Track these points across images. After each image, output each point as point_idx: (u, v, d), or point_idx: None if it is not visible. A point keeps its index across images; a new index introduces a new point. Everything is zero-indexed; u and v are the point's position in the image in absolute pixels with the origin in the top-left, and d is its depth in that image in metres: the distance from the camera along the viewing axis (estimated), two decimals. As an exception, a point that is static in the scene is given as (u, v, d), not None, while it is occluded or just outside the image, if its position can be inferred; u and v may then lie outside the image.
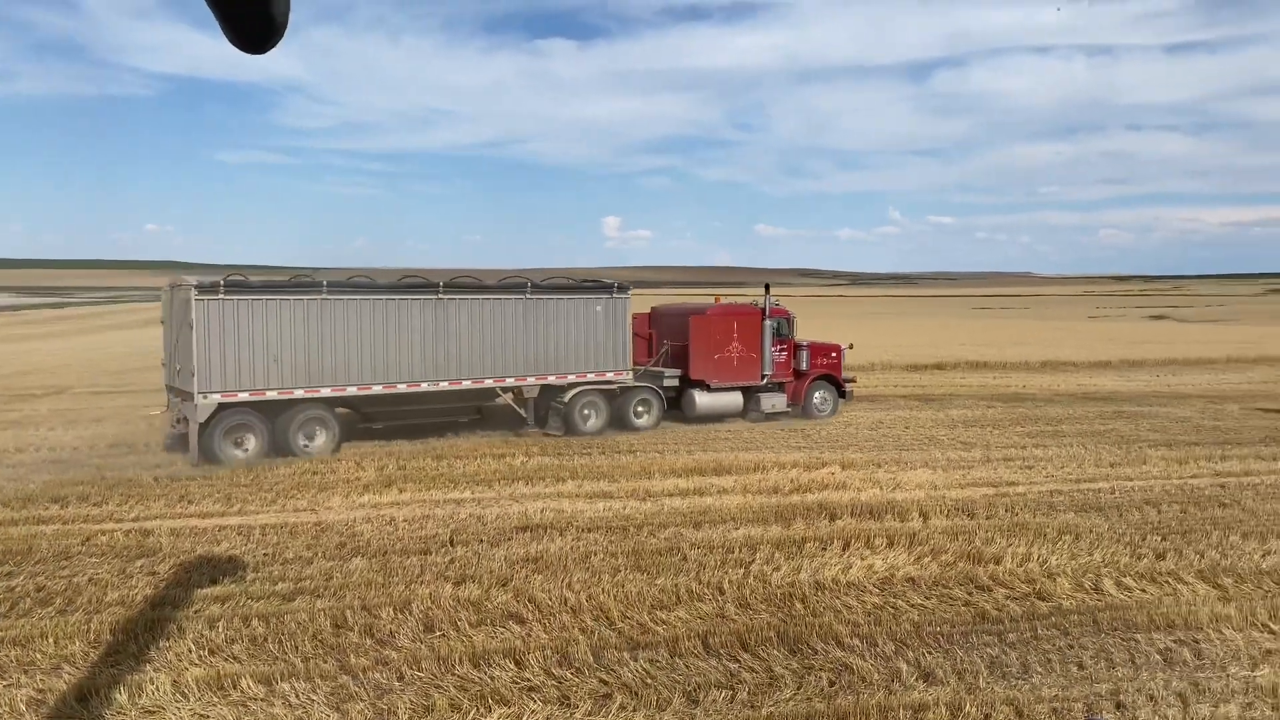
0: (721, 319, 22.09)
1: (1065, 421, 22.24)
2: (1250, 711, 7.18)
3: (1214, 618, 9.06)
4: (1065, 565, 10.65)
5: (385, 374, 18.25)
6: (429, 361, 18.63)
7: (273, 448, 17.28)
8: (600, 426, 20.28)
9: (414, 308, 18.50)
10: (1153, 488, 14.89)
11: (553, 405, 20.23)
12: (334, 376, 17.75)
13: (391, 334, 18.24)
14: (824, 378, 23.19)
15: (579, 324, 20.21)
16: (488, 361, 19.24)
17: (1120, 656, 8.26)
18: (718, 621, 9.03)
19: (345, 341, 17.79)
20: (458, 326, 18.90)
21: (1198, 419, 22.63)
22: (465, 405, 19.89)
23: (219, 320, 16.61)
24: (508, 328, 19.44)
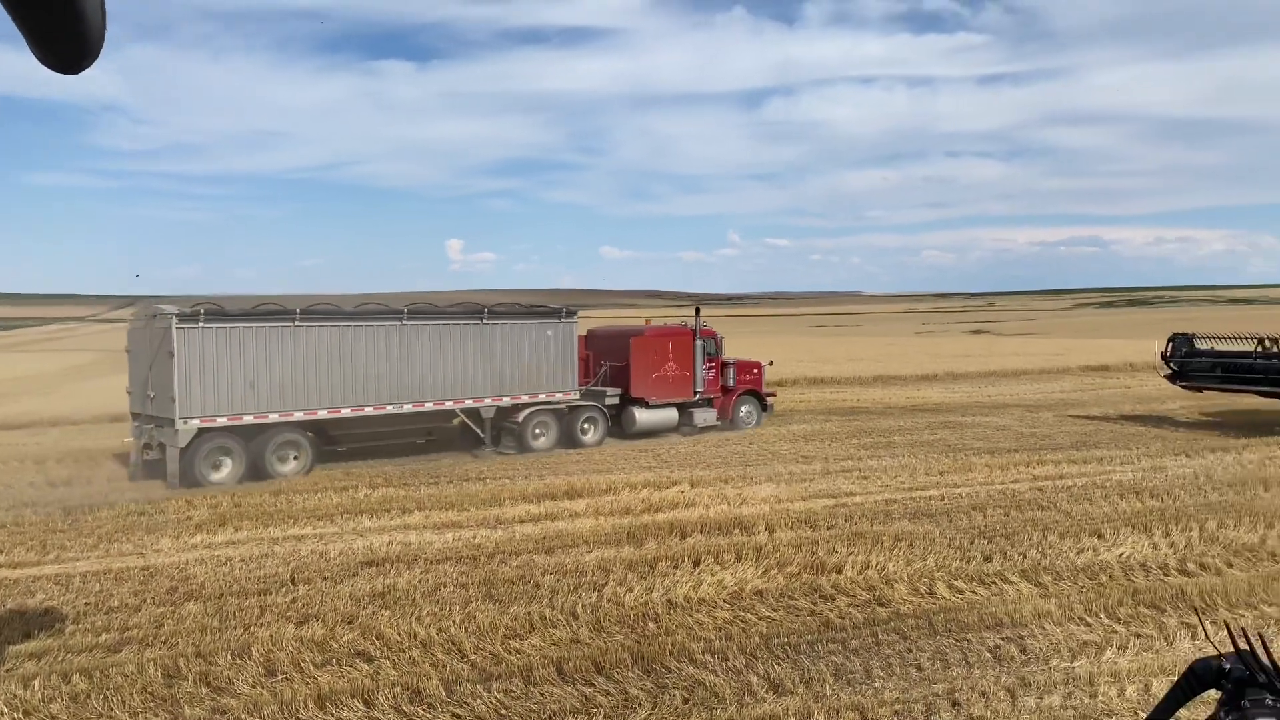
0: (658, 340, 23.35)
1: (897, 433, 23.33)
2: (1071, 700, 7.68)
3: (1037, 614, 9.67)
4: (902, 571, 11.16)
5: (353, 398, 18.82)
6: (393, 385, 19.27)
7: (250, 471, 17.71)
8: (551, 445, 21.11)
9: (379, 334, 19.18)
10: (978, 493, 15.78)
11: (505, 425, 21.00)
12: (306, 401, 18.24)
13: (359, 359, 18.89)
14: (749, 392, 24.78)
15: (530, 348, 21.13)
16: (447, 384, 20.02)
17: (955, 656, 8.70)
18: (572, 647, 9.00)
19: (316, 367, 18.38)
20: (419, 351, 19.59)
21: (1016, 427, 24.16)
22: (426, 426, 20.48)
23: (198, 348, 17.10)
24: (466, 352, 20.24)
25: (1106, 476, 17.01)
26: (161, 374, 17.36)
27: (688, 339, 23.56)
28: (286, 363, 18.06)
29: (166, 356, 17.05)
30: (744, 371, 24.90)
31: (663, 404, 23.24)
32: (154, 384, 17.77)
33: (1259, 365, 23.48)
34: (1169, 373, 25.67)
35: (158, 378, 17.56)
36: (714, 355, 24.19)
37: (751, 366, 25.18)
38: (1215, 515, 13.51)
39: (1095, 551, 11.92)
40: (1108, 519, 13.52)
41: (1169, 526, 12.95)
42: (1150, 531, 12.73)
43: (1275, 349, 23.46)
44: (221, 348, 17.39)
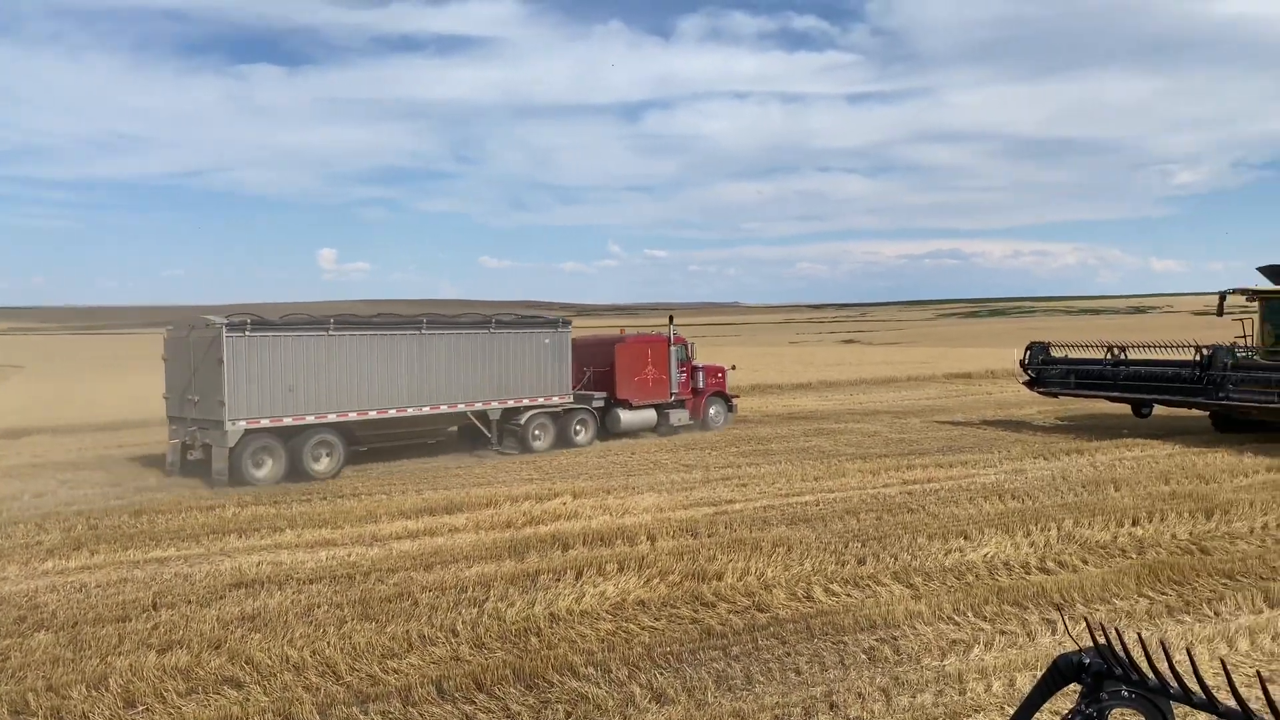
0: (639, 347, 25.31)
1: (774, 440, 23.80)
2: (942, 698, 7.95)
3: (908, 615, 9.98)
4: (780, 576, 11.36)
5: (379, 400, 20.35)
6: (413, 389, 20.83)
7: (289, 470, 19.13)
8: (549, 445, 22.82)
9: (400, 342, 20.80)
10: (851, 498, 16.23)
11: (507, 427, 22.56)
12: (338, 403, 19.75)
13: (384, 365, 20.43)
14: (716, 394, 26.81)
15: (531, 355, 22.81)
16: (460, 388, 21.64)
17: (831, 659, 8.90)
18: (452, 665, 8.83)
19: (347, 372, 19.90)
20: (435, 358, 21.22)
21: (886, 433, 24.97)
22: (440, 427, 22.27)
23: (244, 355, 18.51)
24: (476, 359, 21.92)
25: (971, 480, 17.74)
26: (209, 379, 18.73)
27: (664, 346, 25.39)
28: (321, 368, 19.57)
29: (215, 363, 18.44)
30: (711, 375, 26.91)
31: (643, 405, 25.08)
32: (198, 389, 19.19)
33: (1109, 372, 24.92)
34: (1027, 379, 26.99)
35: (204, 383, 18.97)
36: (685, 360, 26.01)
37: (717, 370, 27.30)
38: (1071, 515, 14.23)
39: (962, 552, 12.40)
40: (973, 520, 14.09)
41: (1029, 526, 13.58)
42: (1012, 532, 13.32)
43: (1123, 356, 24.93)
44: (265, 355, 18.87)
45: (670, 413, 25.52)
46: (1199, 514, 14.23)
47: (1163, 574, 11.31)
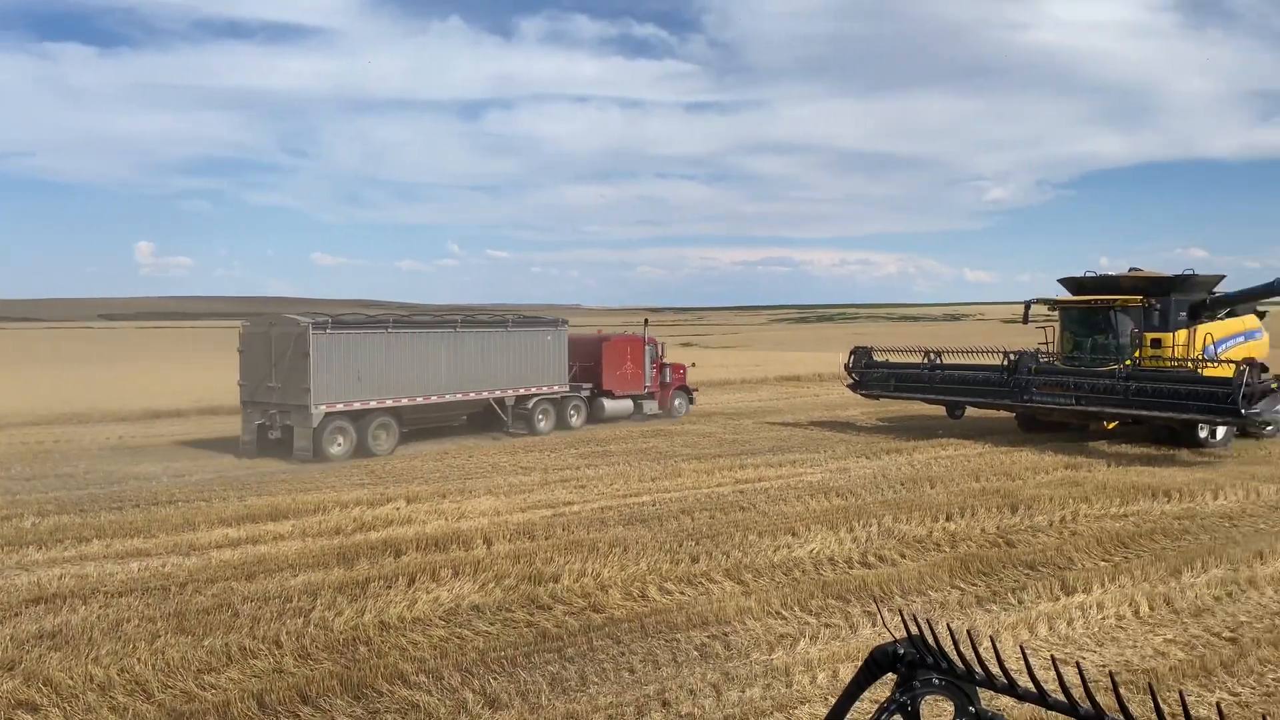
0: (622, 345, 28.64)
1: (613, 442, 23.98)
2: (769, 691, 8.18)
3: (739, 611, 10.24)
4: (616, 577, 11.44)
5: (425, 388, 23.51)
6: (451, 378, 24.01)
7: (358, 448, 22.02)
8: (550, 428, 26.09)
9: (441, 339, 24.02)
10: (687, 497, 16.53)
11: (518, 411, 25.70)
12: (393, 390, 22.81)
13: (429, 358, 23.57)
14: (680, 388, 30.39)
15: (538, 349, 26.11)
16: (485, 378, 24.83)
17: (665, 657, 9.02)
18: (275, 678, 8.45)
19: (400, 364, 22.92)
20: (468, 352, 24.47)
21: (721, 434, 25.58)
22: (469, 412, 25.64)
23: (325, 349, 21.53)
24: (497, 353, 25.14)
25: (799, 478, 18.38)
26: (295, 370, 21.48)
27: (641, 345, 28.80)
28: (380, 361, 22.58)
29: (302, 356, 21.28)
30: (676, 371, 30.41)
31: (623, 396, 28.46)
32: (280, 378, 21.85)
33: (926, 375, 26.35)
34: (851, 382, 28.22)
35: (288, 373, 21.64)
36: (656, 358, 29.48)
37: (680, 367, 30.94)
38: (891, 511, 14.95)
39: (790, 548, 12.81)
40: (800, 518, 14.59)
41: (853, 523, 14.17)
42: (837, 528, 13.87)
43: (939, 361, 26.41)
44: (340, 349, 21.89)
45: (644, 403, 28.97)
46: (1005, 509, 15.22)
47: (973, 566, 12.03)
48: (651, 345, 29.15)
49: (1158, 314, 23.59)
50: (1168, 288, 23.87)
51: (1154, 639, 9.54)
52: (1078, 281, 25.57)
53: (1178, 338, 23.43)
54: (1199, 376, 21.33)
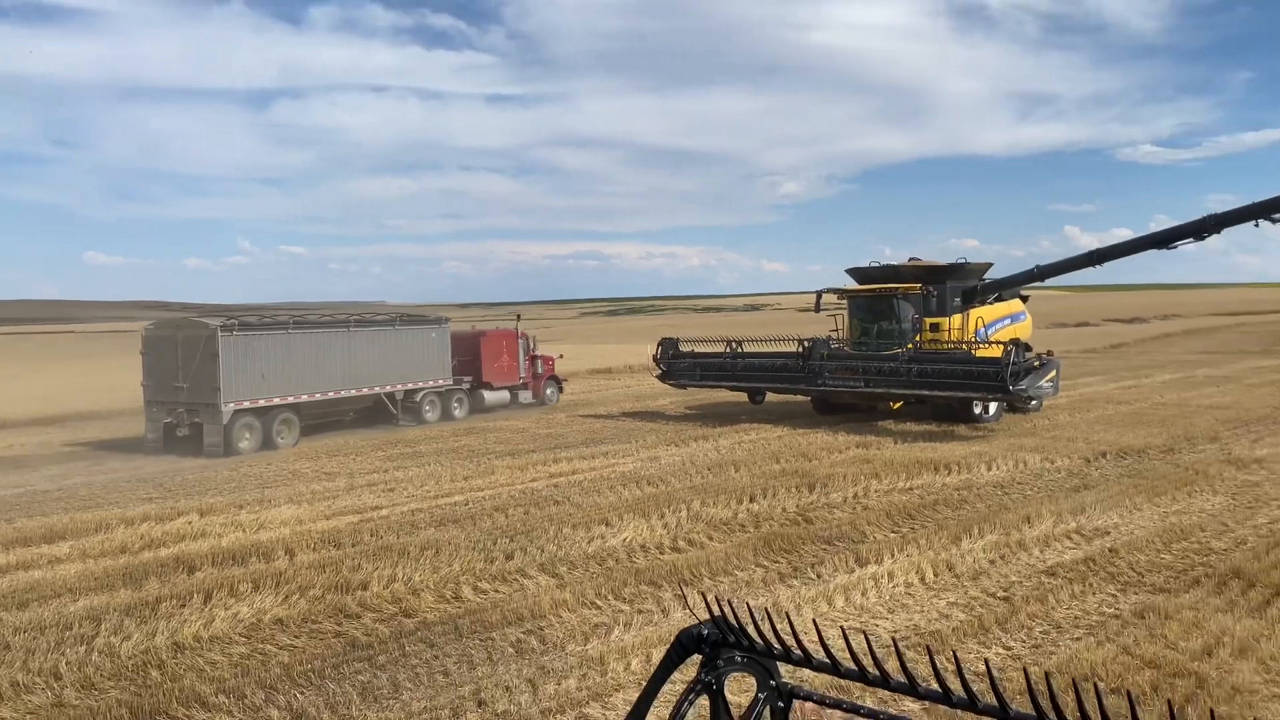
0: (498, 339, 30.54)
1: (423, 442, 23.51)
2: (585, 681, 8.28)
3: (554, 604, 10.29)
4: (428, 580, 11.24)
5: (323, 385, 24.83)
6: (345, 375, 25.38)
7: (263, 442, 23.24)
8: (437, 418, 27.64)
9: (337, 337, 25.49)
10: (500, 494, 16.44)
11: (407, 404, 27.20)
12: (295, 387, 24.11)
13: (325, 357, 24.87)
14: (551, 378, 32.35)
15: (424, 346, 27.70)
16: (378, 373, 26.27)
17: (480, 656, 8.96)
18: (54, 712, 7.82)
19: (300, 363, 24.20)
20: (360, 350, 25.84)
21: (534, 429, 25.56)
22: (362, 406, 26.62)
23: (232, 350, 22.73)
24: (386, 350, 26.57)
25: (612, 469, 18.64)
26: (203, 370, 22.65)
27: (515, 338, 30.72)
28: (282, 360, 23.82)
29: (210, 357, 22.50)
30: (547, 362, 32.37)
31: (501, 387, 30.17)
32: (188, 378, 22.87)
33: (729, 364, 27.28)
34: (660, 373, 28.85)
35: (197, 373, 22.74)
36: (529, 351, 31.35)
37: (550, 359, 32.76)
38: (699, 496, 15.40)
39: (604, 539, 12.99)
40: (613, 508, 14.80)
41: (663, 509, 14.51)
42: (648, 515, 14.16)
43: (740, 350, 27.39)
44: (245, 350, 23.08)
45: (519, 393, 30.82)
46: (804, 488, 15.98)
47: (775, 544, 12.58)
48: (524, 339, 31.20)
49: (935, 300, 25.35)
50: (943, 276, 25.69)
51: (939, 603, 10.29)
52: (863, 272, 27.12)
53: (953, 322, 25.26)
54: (972, 357, 23.09)
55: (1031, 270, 25.84)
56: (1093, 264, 24.79)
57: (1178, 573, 11.12)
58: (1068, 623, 9.58)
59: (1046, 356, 23.06)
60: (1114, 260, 24.69)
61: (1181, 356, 46.41)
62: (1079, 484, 16.18)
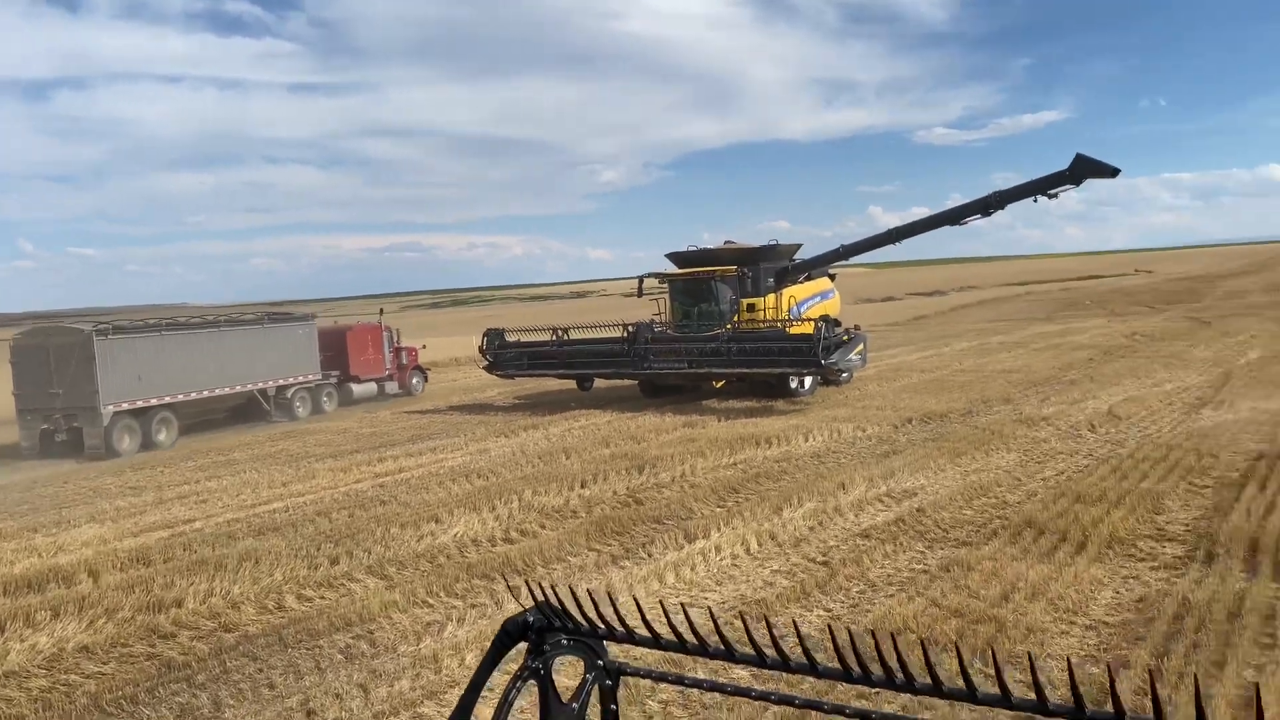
0: (363, 333, 31.23)
1: (237, 449, 22.43)
2: (419, 680, 8.16)
3: (384, 606, 10.07)
4: (248, 592, 10.78)
5: (198, 384, 25.20)
6: (220, 373, 25.79)
7: (144, 443, 23.68)
8: (308, 413, 28.17)
9: (207, 337, 25.86)
10: (324, 498, 15.90)
11: (277, 400, 27.73)
12: (171, 388, 24.47)
13: (199, 356, 25.22)
14: (416, 368, 33.24)
15: (292, 342, 28.30)
16: (250, 371, 26.76)
17: (307, 665, 8.67)
18: None
19: (175, 363, 24.58)
20: (231, 349, 26.25)
21: (358, 429, 24.83)
22: (237, 403, 26.98)
23: (109, 353, 23.23)
24: (257, 348, 27.09)
25: (440, 464, 18.35)
26: (80, 374, 22.85)
27: (380, 332, 31.53)
28: (156, 361, 24.28)
29: (87, 361, 22.78)
30: (410, 354, 33.14)
31: (368, 379, 31.01)
32: (63, 383, 23.11)
33: (555, 352, 27.31)
34: (486, 364, 28.57)
35: (74, 378, 22.95)
36: (394, 343, 32.20)
37: (413, 350, 33.51)
38: (531, 485, 15.39)
39: (434, 536, 12.80)
40: (443, 504, 14.59)
41: (494, 502, 14.42)
42: (479, 509, 14.05)
43: (566, 337, 27.47)
44: (121, 352, 23.49)
45: (385, 384, 31.66)
46: (634, 470, 16.24)
47: (607, 527, 12.74)
48: (388, 332, 32.12)
49: (750, 281, 26.20)
50: (757, 257, 26.57)
51: (763, 571, 10.71)
52: (682, 256, 27.71)
53: (768, 301, 26.19)
54: (787, 335, 24.02)
55: (838, 249, 27.09)
56: (892, 241, 26.24)
57: (978, 526, 11.99)
58: (881, 581, 10.17)
59: (854, 331, 24.26)
60: (911, 237, 26.24)
61: (977, 325, 49.84)
62: (888, 450, 17.15)
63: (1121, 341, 35.56)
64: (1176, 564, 10.10)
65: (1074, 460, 15.49)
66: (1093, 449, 16.30)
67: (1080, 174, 22.47)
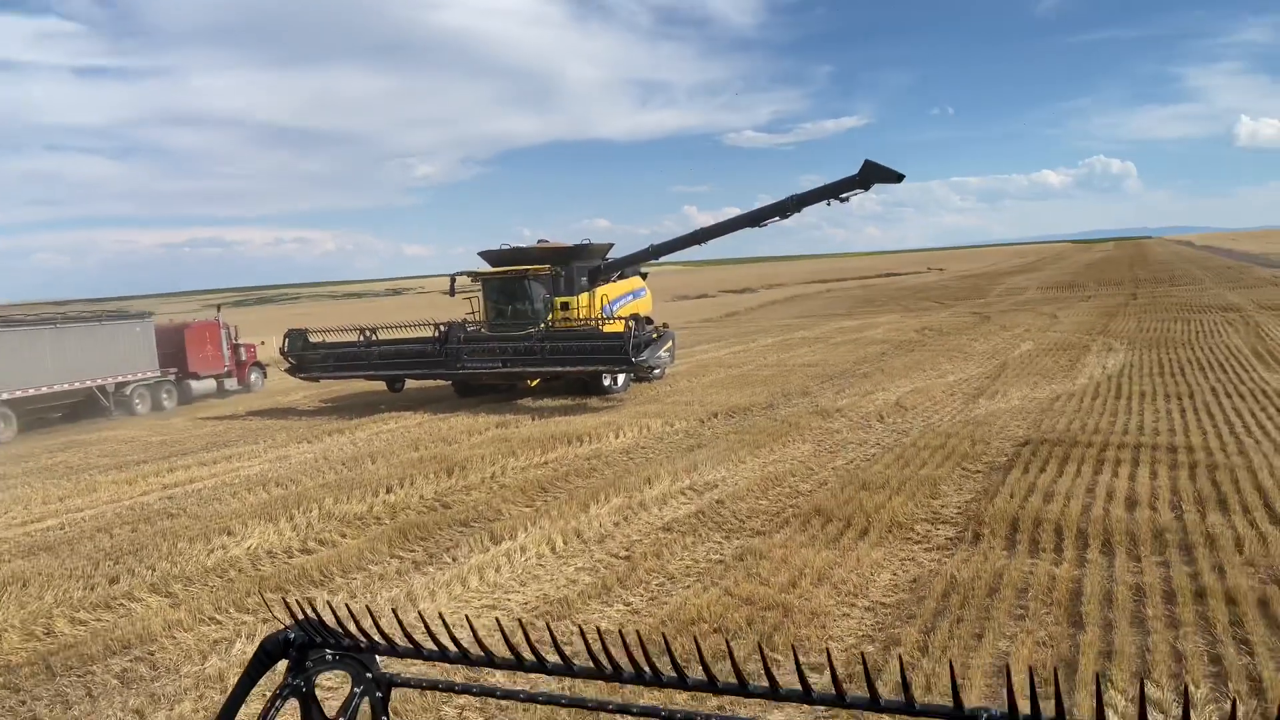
0: (201, 330, 31.45)
1: (8, 462, 20.65)
2: (203, 702, 7.79)
3: (167, 625, 9.55)
4: (13, 618, 9.97)
5: (34, 380, 25.91)
6: (57, 370, 26.43)
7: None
8: (148, 410, 28.45)
9: (45, 334, 26.61)
10: (104, 513, 14.88)
11: (116, 397, 27.95)
12: (7, 384, 25.22)
13: (36, 353, 26.05)
14: (255, 364, 33.65)
15: (130, 339, 28.66)
16: (87, 367, 27.23)
17: (77, 694, 8.13)
18: None
19: (10, 360, 25.33)
20: (69, 345, 26.93)
21: (146, 437, 23.36)
22: (76, 400, 27.28)
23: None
24: (95, 345, 27.49)
25: (236, 473, 17.52)
26: None
27: (218, 329, 31.76)
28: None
29: None
30: (249, 350, 33.52)
31: (207, 375, 31.30)
32: None
33: (364, 353, 26.56)
34: (289, 366, 27.46)
35: None
36: (232, 340, 32.50)
37: (251, 347, 33.90)
38: (332, 493, 14.93)
39: (225, 549, 12.22)
40: (236, 515, 13.94)
41: (293, 511, 13.91)
42: (276, 519, 13.51)
43: (375, 337, 26.77)
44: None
45: (225, 381, 31.94)
46: (443, 473, 16.04)
47: (411, 533, 12.54)
48: (226, 329, 32.32)
49: (564, 280, 26.35)
50: (570, 256, 26.75)
51: (567, 570, 10.82)
52: (495, 254, 27.55)
53: (581, 300, 26.42)
54: (599, 333, 24.31)
55: (647, 249, 27.64)
56: (699, 242, 27.00)
57: (772, 515, 12.54)
58: (680, 573, 10.49)
59: (663, 329, 24.81)
60: (716, 238, 27.09)
61: (782, 321, 51.97)
62: (694, 443, 17.67)
63: (912, 336, 37.93)
64: (948, 545, 10.91)
65: (863, 450, 16.43)
66: (880, 438, 17.34)
67: (869, 179, 23.81)
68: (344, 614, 2.58)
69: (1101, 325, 37.38)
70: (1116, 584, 9.14)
